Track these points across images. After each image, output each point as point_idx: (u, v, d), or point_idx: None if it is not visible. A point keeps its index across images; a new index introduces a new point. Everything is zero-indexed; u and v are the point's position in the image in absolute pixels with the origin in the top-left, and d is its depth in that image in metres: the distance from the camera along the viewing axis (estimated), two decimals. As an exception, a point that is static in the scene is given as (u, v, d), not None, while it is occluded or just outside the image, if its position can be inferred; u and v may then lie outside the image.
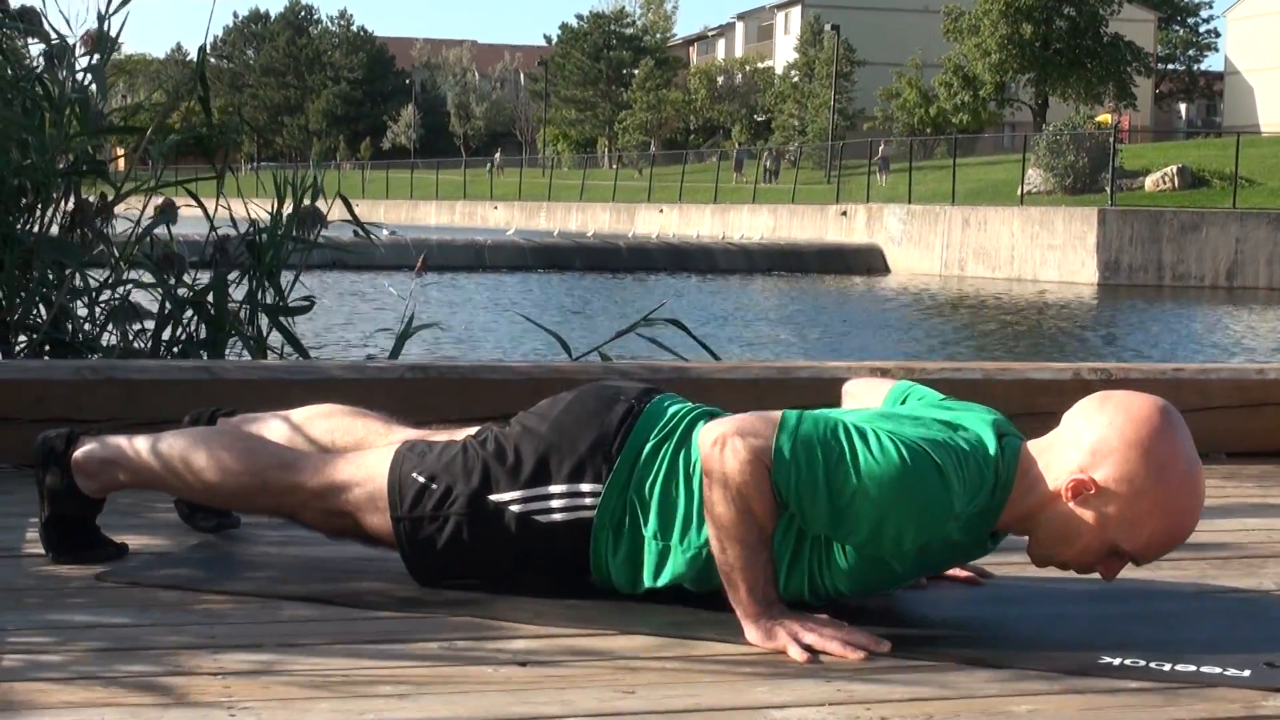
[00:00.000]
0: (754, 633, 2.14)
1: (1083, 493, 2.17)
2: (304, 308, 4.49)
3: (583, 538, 2.32)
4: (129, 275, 4.44)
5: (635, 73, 76.55)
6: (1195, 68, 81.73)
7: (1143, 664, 2.08)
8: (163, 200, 4.52)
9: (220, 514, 2.74)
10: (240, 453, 2.48)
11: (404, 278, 21.69)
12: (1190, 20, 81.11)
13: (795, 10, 75.52)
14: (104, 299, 4.42)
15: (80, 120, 4.33)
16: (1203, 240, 29.56)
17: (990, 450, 2.20)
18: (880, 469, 2.12)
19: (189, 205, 4.52)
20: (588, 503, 2.32)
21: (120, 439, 2.55)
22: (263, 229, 4.43)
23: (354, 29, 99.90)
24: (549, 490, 2.33)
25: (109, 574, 2.43)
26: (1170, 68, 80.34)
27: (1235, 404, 3.97)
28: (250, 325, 4.42)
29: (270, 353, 4.45)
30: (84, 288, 4.39)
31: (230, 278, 4.37)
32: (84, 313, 4.42)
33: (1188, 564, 2.70)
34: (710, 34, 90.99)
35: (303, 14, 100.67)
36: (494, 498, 2.34)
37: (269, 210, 4.47)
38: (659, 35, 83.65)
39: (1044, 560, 2.27)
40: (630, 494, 2.31)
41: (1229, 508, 3.32)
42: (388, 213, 53.76)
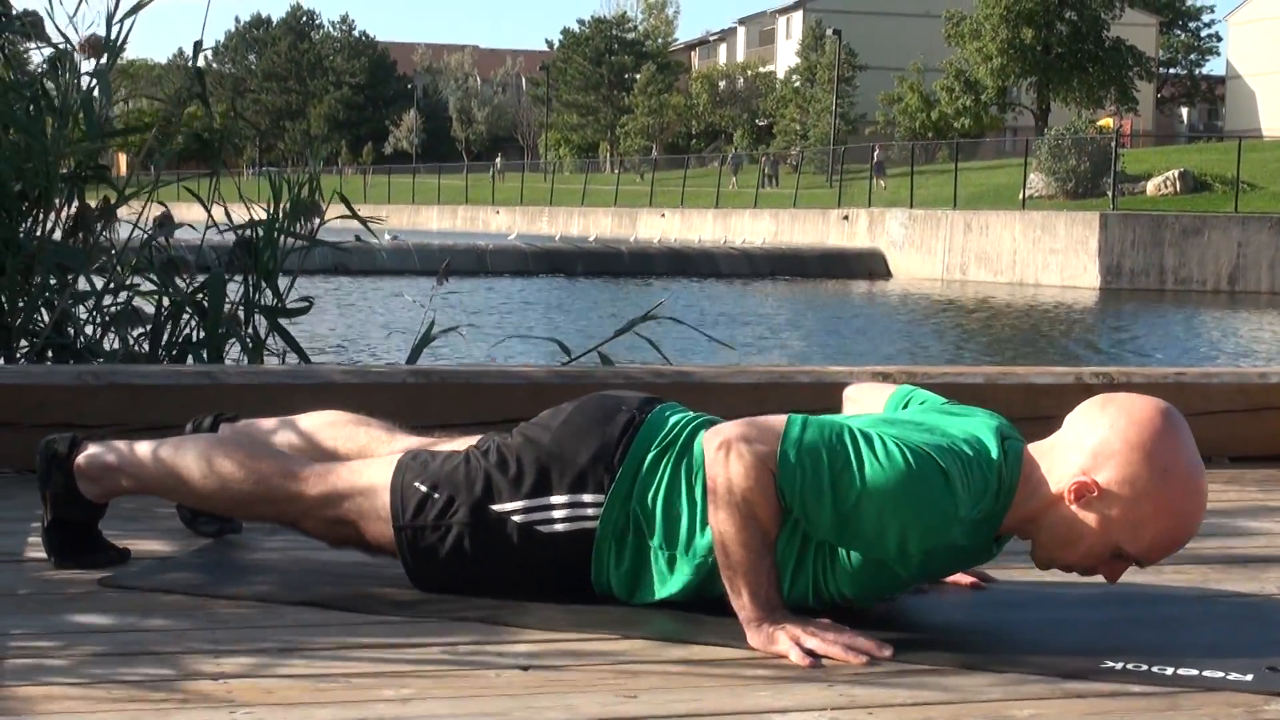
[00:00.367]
0: (756, 637, 2.14)
1: (1085, 495, 2.17)
2: (302, 309, 4.48)
3: (585, 548, 2.32)
4: (131, 280, 4.44)
5: (637, 77, 76.62)
6: (1197, 72, 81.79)
7: (1145, 668, 2.08)
8: (161, 212, 4.52)
9: (222, 519, 2.73)
10: (242, 460, 2.47)
11: (407, 283, 21.71)
12: (1192, 24, 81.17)
13: (797, 15, 75.56)
14: (106, 304, 4.42)
15: (83, 125, 4.33)
16: (1204, 244, 29.55)
17: (993, 454, 2.20)
18: (885, 474, 2.12)
19: (188, 205, 4.51)
20: (590, 513, 2.31)
21: (122, 444, 2.55)
22: (258, 223, 4.42)
23: (356, 34, 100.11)
24: (551, 500, 2.33)
25: (111, 578, 2.43)
26: (1172, 72, 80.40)
27: (1238, 408, 3.97)
28: (247, 326, 4.41)
29: (271, 356, 4.45)
30: (86, 292, 4.39)
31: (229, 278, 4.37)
32: (86, 317, 4.42)
33: (1190, 568, 2.70)
34: (712, 39, 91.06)
35: (304, 19, 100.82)
36: (496, 508, 2.34)
37: (267, 210, 4.47)
38: (660, 40, 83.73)
39: (1047, 563, 2.27)
40: (633, 504, 2.31)
41: (1231, 511, 3.32)
42: (390, 218, 53.71)
